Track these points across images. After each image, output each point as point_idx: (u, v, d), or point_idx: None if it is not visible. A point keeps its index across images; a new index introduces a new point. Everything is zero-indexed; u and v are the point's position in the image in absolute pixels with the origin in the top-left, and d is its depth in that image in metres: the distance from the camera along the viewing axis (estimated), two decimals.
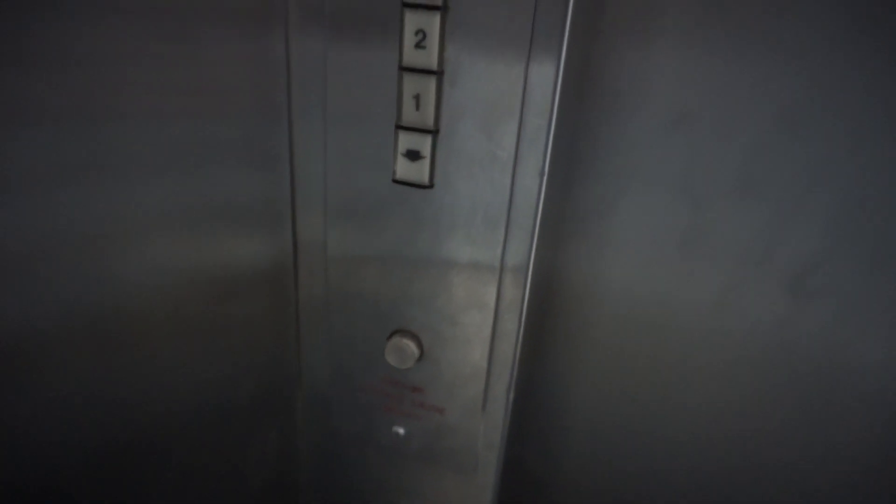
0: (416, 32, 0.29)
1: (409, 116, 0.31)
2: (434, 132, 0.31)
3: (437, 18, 0.29)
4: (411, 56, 0.30)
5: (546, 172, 0.30)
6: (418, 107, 0.31)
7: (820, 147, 0.36)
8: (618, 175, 0.40)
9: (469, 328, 0.35)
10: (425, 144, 0.31)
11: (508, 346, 0.35)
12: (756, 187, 0.38)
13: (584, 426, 0.49)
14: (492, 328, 0.34)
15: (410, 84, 0.30)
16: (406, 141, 0.32)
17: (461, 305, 0.34)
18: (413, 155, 0.32)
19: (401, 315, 0.36)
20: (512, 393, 0.36)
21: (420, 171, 0.32)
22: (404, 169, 0.32)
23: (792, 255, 0.39)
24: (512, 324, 0.34)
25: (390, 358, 0.36)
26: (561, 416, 0.49)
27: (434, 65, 0.30)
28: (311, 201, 0.36)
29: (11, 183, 0.29)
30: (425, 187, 0.32)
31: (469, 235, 0.33)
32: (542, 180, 0.31)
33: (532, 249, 0.32)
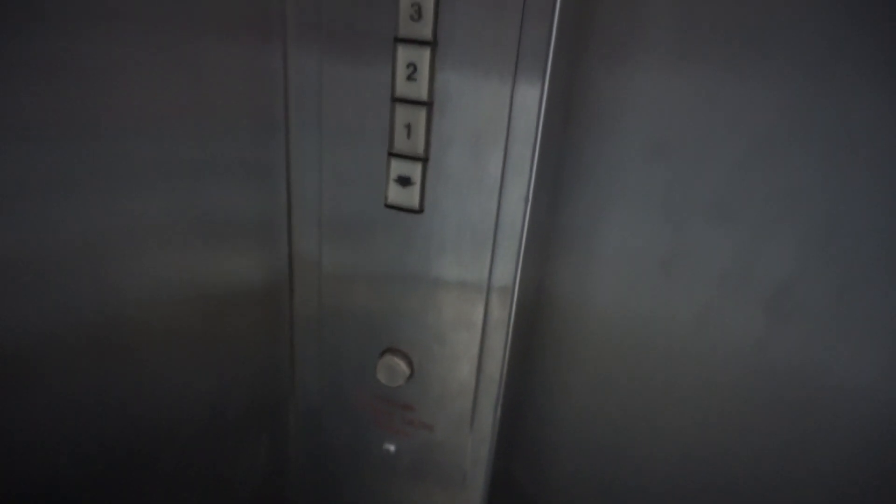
0: (408, 65, 0.31)
1: (401, 144, 0.33)
2: (424, 160, 0.33)
3: (428, 53, 0.31)
4: (403, 87, 0.32)
5: (530, 198, 0.32)
6: (409, 135, 0.32)
7: (793, 173, 0.38)
8: (602, 198, 0.42)
9: (458, 347, 0.36)
10: (416, 171, 0.33)
11: (495, 365, 0.36)
12: (732, 211, 0.40)
13: (572, 442, 0.51)
14: (479, 347, 0.36)
15: (402, 114, 0.32)
16: (397, 167, 0.33)
17: (450, 324, 0.36)
18: (404, 181, 0.33)
19: (392, 333, 0.37)
20: (499, 410, 0.37)
21: (411, 197, 0.33)
22: (396, 194, 0.34)
23: (768, 277, 0.41)
24: (498, 342, 0.35)
25: (381, 376, 0.37)
26: (550, 432, 0.51)
27: (424, 96, 0.31)
28: (307, 218, 0.37)
29: (10, 194, 0.30)
30: (416, 212, 0.34)
31: (457, 258, 0.34)
32: (527, 206, 0.32)
33: (517, 271, 0.34)
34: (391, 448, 0.40)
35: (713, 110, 0.38)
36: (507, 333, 0.35)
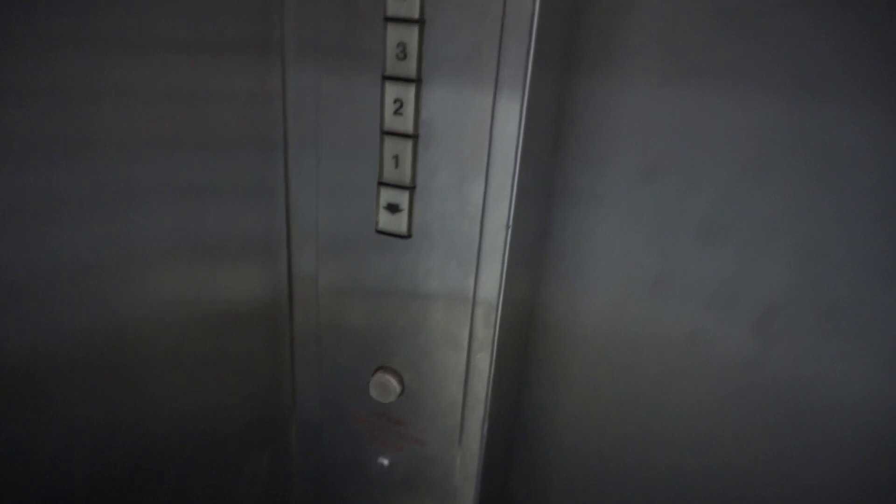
0: (395, 101, 0.33)
1: (390, 174, 0.35)
2: (411, 188, 0.35)
3: (413, 89, 0.33)
4: (391, 121, 0.34)
5: (510, 224, 0.34)
6: (397, 165, 0.34)
7: (781, 197, 0.38)
8: (593, 221, 0.43)
9: (445, 365, 0.38)
10: (404, 199, 0.35)
11: (481, 382, 0.37)
12: (721, 233, 0.41)
13: (567, 459, 0.52)
14: (465, 365, 0.37)
15: (390, 146, 0.34)
16: (387, 195, 0.35)
17: (438, 344, 0.37)
18: (393, 208, 0.35)
19: (385, 352, 0.39)
20: (486, 426, 0.39)
21: (399, 223, 0.35)
22: (386, 220, 0.36)
23: (756, 299, 0.41)
24: (484, 361, 0.37)
25: (374, 393, 0.39)
26: (546, 449, 0.52)
27: (410, 129, 0.33)
28: (306, 238, 0.40)
29: (16, 214, 0.32)
30: (404, 237, 0.36)
31: (443, 281, 0.36)
32: (507, 232, 0.34)
33: (500, 294, 0.35)
34: (385, 462, 0.42)
35: (702, 133, 0.39)
36: (492, 353, 0.37)
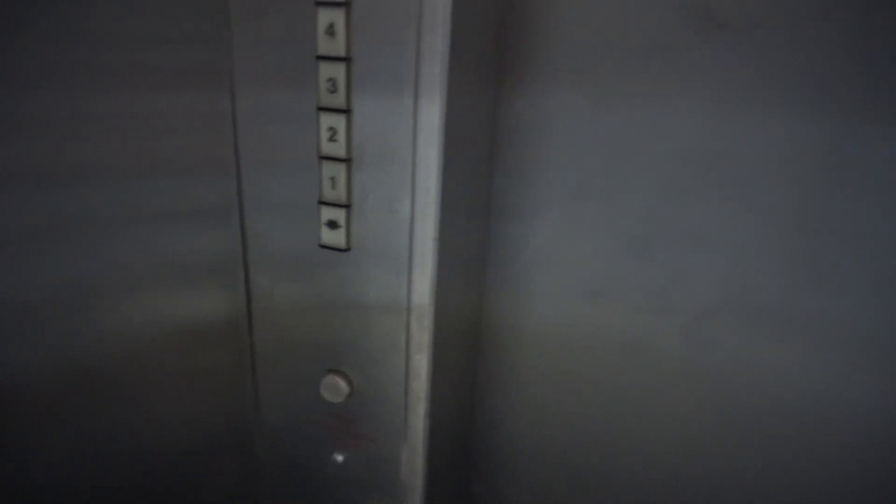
0: (329, 129, 0.37)
1: (328, 194, 0.39)
2: (347, 206, 0.38)
3: (344, 118, 0.36)
4: (327, 147, 0.38)
5: (437, 237, 0.37)
6: (334, 186, 0.38)
7: (703, 210, 0.42)
8: (531, 234, 0.47)
9: (388, 367, 0.41)
10: (341, 216, 0.39)
11: (420, 383, 0.41)
12: (651, 245, 0.44)
13: (522, 457, 0.54)
14: (405, 367, 0.41)
15: (327, 169, 0.38)
16: (326, 213, 0.39)
17: (380, 347, 0.41)
18: (332, 224, 0.39)
19: (334, 356, 0.43)
20: (428, 422, 0.42)
21: (339, 238, 0.39)
22: (327, 236, 0.39)
23: (687, 306, 0.44)
24: (421, 363, 0.40)
25: (325, 394, 0.43)
26: (499, 446, 0.55)
27: (343, 154, 0.37)
28: (261, 257, 0.43)
29: None
30: (344, 251, 0.39)
31: (381, 289, 0.39)
32: (435, 244, 0.37)
33: (432, 300, 0.39)
34: (340, 459, 0.45)
35: (627, 151, 0.43)
36: (429, 355, 0.40)
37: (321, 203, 0.39)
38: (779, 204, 0.39)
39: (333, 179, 0.38)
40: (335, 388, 0.42)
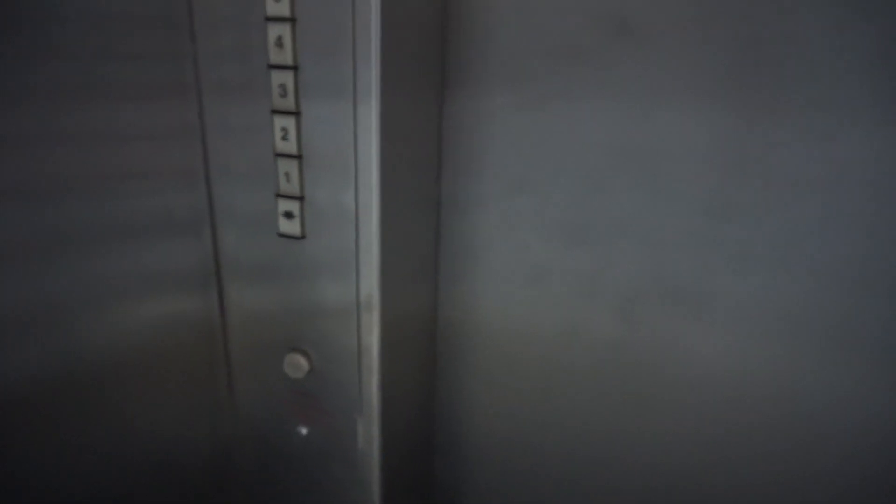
0: (282, 129, 0.42)
1: (284, 187, 0.43)
2: (301, 198, 0.43)
3: (294, 119, 0.41)
4: (281, 146, 0.42)
5: (379, 228, 0.41)
6: (289, 180, 0.43)
7: (626, 200, 0.46)
8: (476, 226, 0.51)
9: (342, 345, 0.45)
10: (296, 207, 0.43)
11: (371, 358, 0.45)
12: (581, 234, 0.48)
13: (480, 436, 0.58)
14: (357, 345, 0.45)
15: (282, 165, 0.43)
16: (283, 205, 0.43)
17: (334, 327, 0.45)
18: (289, 215, 0.43)
19: (295, 336, 0.47)
20: (379, 395, 0.46)
21: (294, 227, 0.44)
22: (284, 225, 0.44)
23: (616, 290, 0.48)
24: (372, 339, 0.44)
25: (287, 370, 0.47)
26: (457, 427, 0.59)
27: (295, 151, 0.42)
28: (229, 250, 0.48)
29: None
30: (299, 238, 0.44)
31: (332, 274, 0.44)
32: (378, 231, 0.42)
33: (378, 282, 0.43)
34: (304, 431, 0.49)
35: (556, 148, 0.47)
36: (378, 333, 0.44)
37: (278, 196, 0.44)
38: (690, 193, 0.43)
39: (288, 174, 0.43)
40: (297, 365, 0.47)
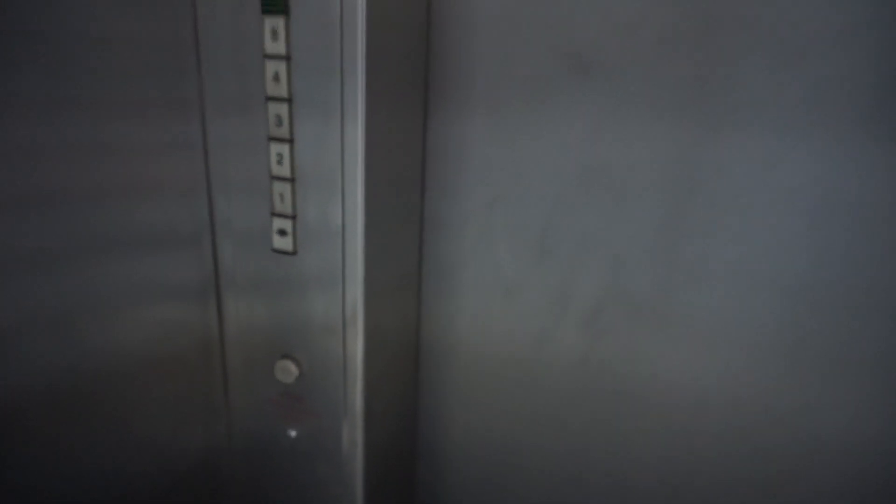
0: (277, 154, 0.46)
1: (278, 207, 0.47)
2: (293, 217, 0.47)
3: (288, 146, 0.45)
4: (276, 169, 0.46)
5: (363, 244, 0.46)
6: (283, 201, 0.47)
7: (590, 218, 0.50)
8: (458, 241, 0.55)
9: (329, 352, 0.49)
10: (289, 225, 0.47)
11: (356, 366, 0.49)
12: (549, 250, 0.52)
13: (459, 442, 0.62)
14: (343, 351, 0.49)
15: (276, 186, 0.47)
16: (277, 223, 0.48)
17: (322, 335, 0.49)
18: (282, 232, 0.48)
19: (286, 343, 0.51)
20: (362, 399, 0.50)
21: (287, 243, 0.48)
22: (278, 242, 0.48)
23: (582, 303, 0.52)
24: (356, 347, 0.48)
25: (278, 375, 0.51)
26: (438, 434, 0.62)
27: (289, 175, 0.46)
28: (227, 261, 0.52)
29: None
30: (291, 254, 0.48)
31: (321, 287, 0.48)
32: (362, 246, 0.46)
33: (363, 294, 0.47)
34: (293, 433, 0.53)
35: (527, 171, 0.51)
36: (362, 341, 0.48)
37: (273, 214, 0.48)
38: (647, 213, 0.47)
39: (282, 195, 0.47)
40: (286, 371, 0.50)
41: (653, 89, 0.45)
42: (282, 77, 0.44)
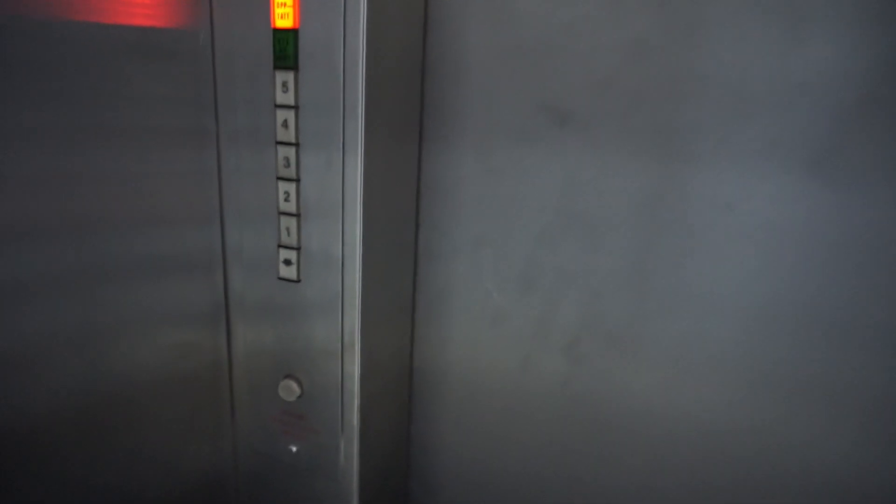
0: (285, 192, 0.51)
1: (285, 239, 0.52)
2: (298, 248, 0.52)
3: (294, 185, 0.50)
4: (283, 205, 0.51)
5: (361, 275, 0.50)
6: (289, 234, 0.52)
7: (567, 253, 0.54)
8: (448, 272, 0.60)
9: (328, 372, 0.54)
10: (294, 256, 0.52)
11: (353, 386, 0.53)
12: (533, 282, 0.56)
13: (450, 458, 0.65)
14: (341, 372, 0.53)
15: (283, 221, 0.52)
16: (283, 254, 0.52)
17: (322, 357, 0.53)
18: (288, 262, 0.52)
19: (289, 364, 0.55)
20: (358, 417, 0.54)
21: (292, 272, 0.52)
22: (283, 270, 0.53)
23: (562, 331, 0.56)
24: (353, 369, 0.52)
25: (282, 394, 0.55)
26: (431, 448, 0.66)
27: (294, 210, 0.51)
28: (237, 286, 0.57)
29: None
30: (296, 282, 0.53)
31: (322, 313, 0.52)
32: (359, 277, 0.50)
33: (360, 320, 0.51)
34: (294, 449, 0.57)
35: (511, 209, 0.55)
36: (358, 364, 0.52)
37: (280, 246, 0.53)
38: (622, 249, 0.52)
39: (288, 229, 0.52)
40: (289, 389, 0.55)
41: (624, 138, 0.50)
42: (290, 124, 0.49)
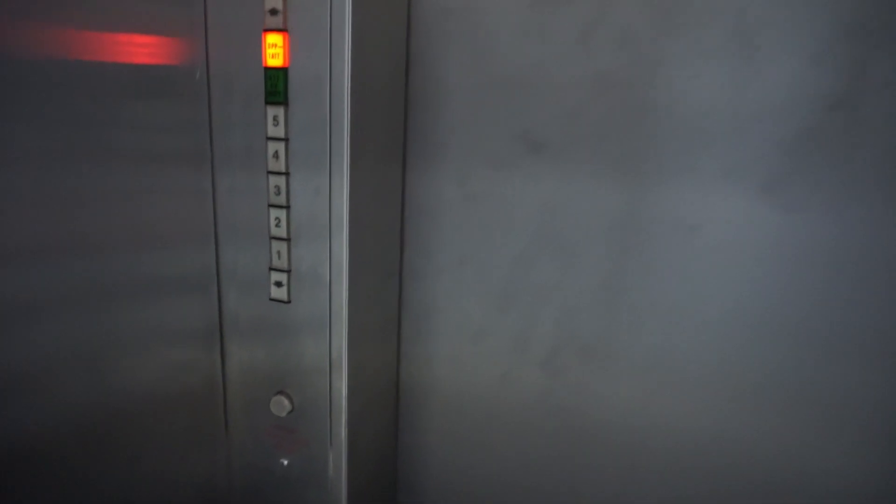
0: (276, 219, 0.54)
1: (276, 262, 0.55)
2: (288, 271, 0.55)
3: (285, 212, 0.53)
4: (274, 231, 0.54)
5: (347, 295, 0.53)
6: (279, 257, 0.55)
7: (544, 273, 0.57)
8: (432, 291, 0.63)
9: (318, 388, 0.56)
10: (284, 278, 0.55)
11: (341, 401, 0.56)
12: (511, 300, 0.59)
13: (433, 470, 0.68)
14: (329, 388, 0.56)
15: (274, 245, 0.55)
16: (274, 276, 0.55)
17: (312, 374, 0.56)
18: (278, 284, 0.55)
19: (281, 381, 0.58)
20: (346, 431, 0.56)
21: (282, 293, 0.55)
22: (274, 292, 0.56)
23: (540, 345, 0.59)
24: (341, 385, 0.55)
25: (273, 409, 0.58)
26: (419, 460, 0.68)
27: (285, 235, 0.54)
28: (230, 307, 0.59)
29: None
30: (286, 303, 0.55)
31: (311, 332, 0.55)
32: (346, 296, 0.53)
33: (346, 339, 0.54)
34: (285, 462, 0.59)
35: (489, 232, 0.59)
36: (345, 380, 0.55)
37: (271, 269, 0.56)
38: (593, 268, 0.55)
39: (279, 252, 0.55)
40: (280, 405, 0.57)
41: (594, 164, 0.53)
42: (280, 155, 0.52)
